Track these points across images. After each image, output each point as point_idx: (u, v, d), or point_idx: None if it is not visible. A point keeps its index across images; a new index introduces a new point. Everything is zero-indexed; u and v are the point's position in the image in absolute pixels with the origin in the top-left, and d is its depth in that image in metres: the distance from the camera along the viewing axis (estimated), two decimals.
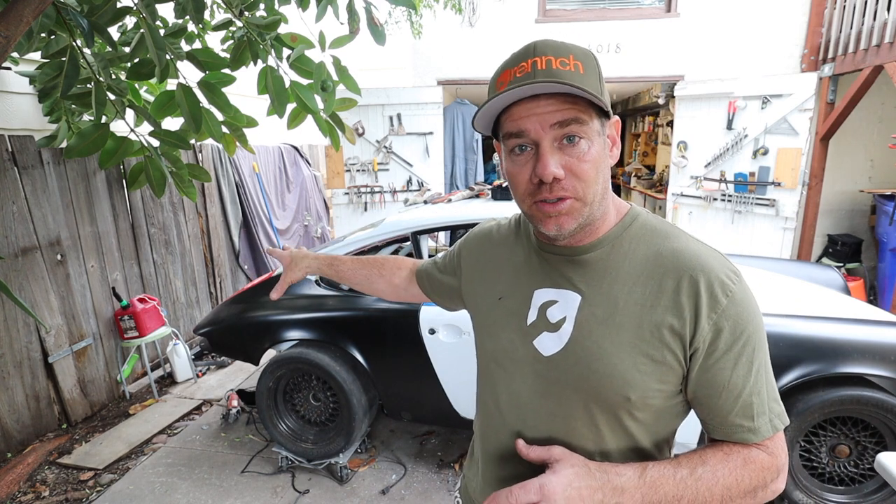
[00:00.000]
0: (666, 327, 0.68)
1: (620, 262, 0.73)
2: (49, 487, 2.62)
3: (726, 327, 0.67)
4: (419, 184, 5.34)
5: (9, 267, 2.78)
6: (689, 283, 0.68)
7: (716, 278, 0.67)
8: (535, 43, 0.68)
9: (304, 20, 2.31)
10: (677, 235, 0.74)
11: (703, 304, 0.67)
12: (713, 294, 0.67)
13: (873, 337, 2.03)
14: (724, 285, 0.67)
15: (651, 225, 0.75)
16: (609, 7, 5.25)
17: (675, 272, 0.69)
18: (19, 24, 1.33)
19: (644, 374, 0.69)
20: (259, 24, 2.15)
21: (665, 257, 0.71)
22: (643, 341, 0.69)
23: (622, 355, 0.69)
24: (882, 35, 3.89)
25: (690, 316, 0.67)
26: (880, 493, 2.09)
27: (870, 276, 4.81)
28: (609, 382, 0.70)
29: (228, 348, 2.88)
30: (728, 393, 0.68)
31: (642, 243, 0.73)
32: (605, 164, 0.71)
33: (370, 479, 2.60)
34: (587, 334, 0.72)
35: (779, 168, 4.42)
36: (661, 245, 0.72)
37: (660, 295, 0.69)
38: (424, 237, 2.61)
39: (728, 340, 0.67)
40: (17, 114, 3.11)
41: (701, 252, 0.71)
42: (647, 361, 0.69)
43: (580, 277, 0.75)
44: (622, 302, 0.71)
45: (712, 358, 0.67)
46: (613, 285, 0.72)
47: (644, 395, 0.70)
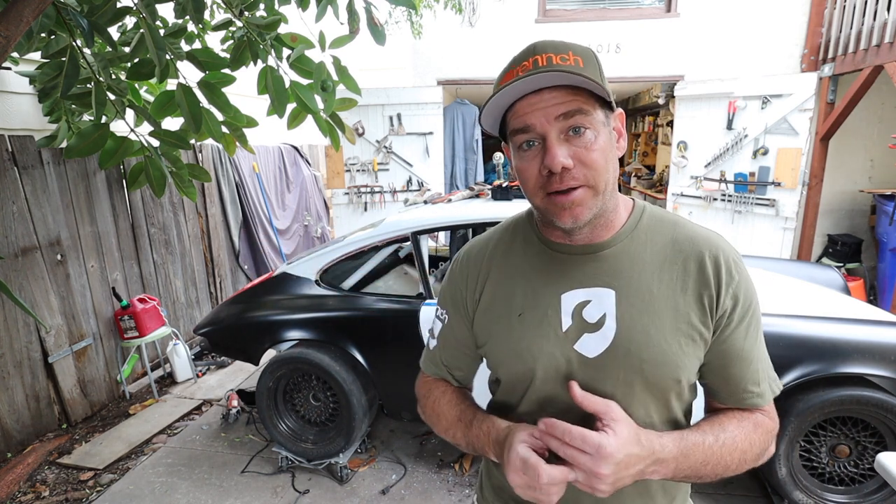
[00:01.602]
0: (697, 306, 0.73)
1: (642, 252, 0.75)
2: (49, 487, 2.62)
3: (740, 299, 0.73)
4: (419, 184, 5.34)
5: (9, 267, 2.78)
6: (712, 261, 0.73)
7: (729, 256, 0.74)
8: (535, 43, 0.69)
9: (304, 20, 2.31)
10: (684, 223, 0.79)
11: (724, 278, 0.72)
12: (730, 270, 0.73)
13: (873, 337, 2.03)
14: (736, 262, 0.74)
15: (659, 215, 0.79)
16: (609, 7, 5.25)
17: (696, 254, 0.74)
18: (19, 24, 1.33)
19: (688, 356, 0.72)
20: (259, 24, 2.15)
21: (682, 242, 0.75)
22: (683, 323, 0.72)
23: (669, 340, 0.72)
24: (882, 35, 3.89)
25: (715, 290, 0.72)
26: (880, 493, 2.09)
27: (870, 276, 4.81)
28: (663, 369, 0.72)
29: (228, 348, 2.88)
30: (742, 361, 0.74)
31: (657, 233, 0.77)
32: (612, 154, 0.71)
33: (370, 479, 2.60)
34: (632, 326, 0.72)
35: (779, 168, 4.42)
36: (675, 232, 0.77)
37: (686, 277, 0.73)
38: (424, 237, 2.61)
39: (741, 311, 0.73)
40: (17, 114, 3.11)
41: (710, 235, 0.77)
42: (688, 342, 0.72)
43: (608, 273, 0.75)
44: (655, 289, 0.73)
45: (729, 328, 0.73)
46: (643, 275, 0.74)
47: (690, 375, 0.74)
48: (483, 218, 2.60)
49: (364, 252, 2.73)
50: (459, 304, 0.87)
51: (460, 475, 2.62)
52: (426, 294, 2.50)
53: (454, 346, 0.89)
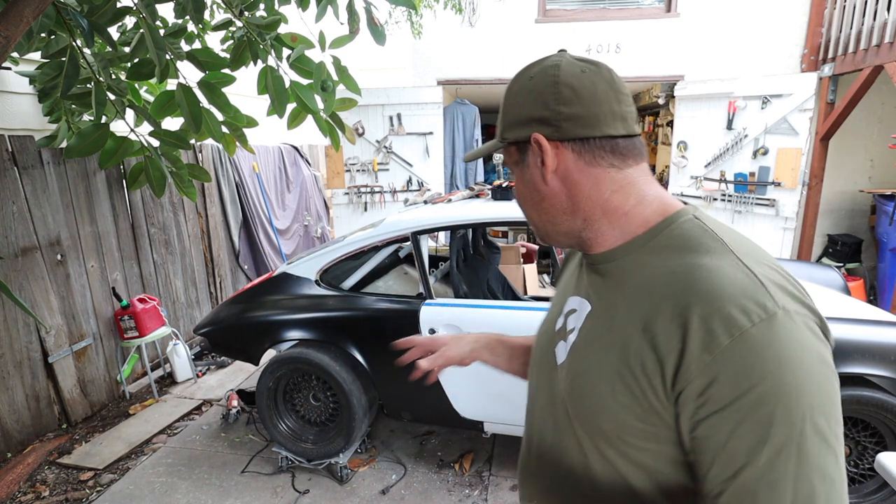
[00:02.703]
0: (652, 358, 0.57)
1: (632, 275, 0.65)
2: (49, 487, 2.62)
3: (723, 375, 0.51)
4: (419, 184, 5.34)
5: (9, 267, 2.78)
6: (681, 311, 0.55)
7: (720, 310, 0.53)
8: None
9: (304, 20, 2.31)
10: (708, 250, 0.60)
11: (693, 339, 0.53)
12: (710, 329, 0.53)
13: (873, 337, 2.03)
14: (731, 320, 0.52)
15: (684, 235, 0.63)
16: (609, 7, 5.25)
17: (674, 295, 0.57)
18: (19, 24, 1.33)
19: (621, 406, 0.60)
20: (259, 24, 2.15)
21: (676, 275, 0.59)
22: (626, 367, 0.60)
23: (603, 378, 0.62)
24: (882, 35, 3.89)
25: (676, 351, 0.55)
26: (880, 493, 2.09)
27: (870, 276, 4.81)
28: (585, 406, 0.65)
29: (228, 348, 2.88)
30: (720, 465, 0.52)
31: (661, 256, 0.63)
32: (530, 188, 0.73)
33: (370, 479, 2.60)
34: (581, 348, 0.68)
35: (779, 168, 4.42)
36: (680, 260, 0.60)
37: (655, 319, 0.58)
38: (424, 237, 2.61)
39: (726, 393, 0.51)
40: (17, 114, 3.11)
41: (726, 274, 0.55)
42: (626, 392, 0.60)
43: (596, 287, 0.71)
44: (618, 319, 0.63)
45: (704, 410, 0.53)
46: (617, 300, 0.65)
47: (620, 430, 0.61)
48: (483, 218, 2.60)
49: (364, 252, 2.73)
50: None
51: (460, 475, 2.62)
52: (426, 294, 2.50)
53: None
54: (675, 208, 0.67)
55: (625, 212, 0.68)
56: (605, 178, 0.68)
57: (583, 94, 0.65)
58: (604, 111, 0.66)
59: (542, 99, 0.67)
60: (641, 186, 0.68)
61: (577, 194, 0.69)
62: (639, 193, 0.68)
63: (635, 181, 0.68)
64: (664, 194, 0.69)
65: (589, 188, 0.68)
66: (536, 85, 0.68)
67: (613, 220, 0.68)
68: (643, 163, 0.70)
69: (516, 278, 4.76)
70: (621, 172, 0.68)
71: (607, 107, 0.66)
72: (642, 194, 0.68)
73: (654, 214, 0.67)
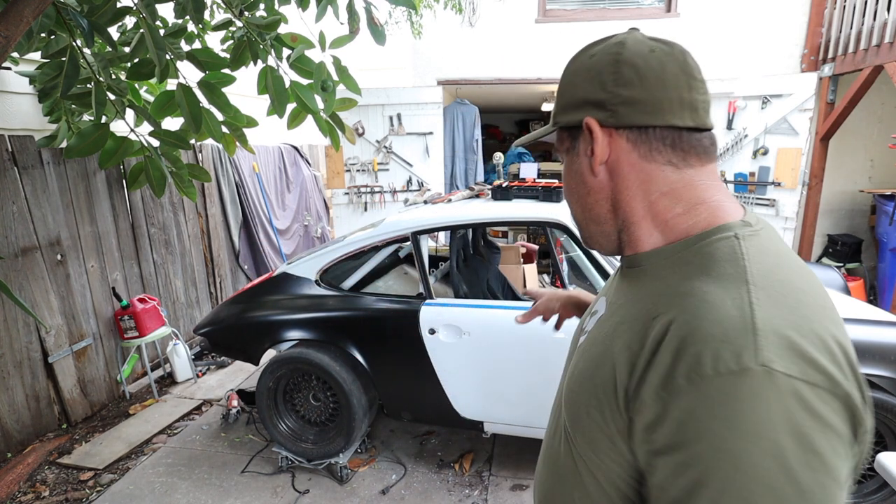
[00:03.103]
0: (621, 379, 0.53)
1: (642, 285, 0.60)
2: (49, 487, 2.62)
3: (670, 418, 0.46)
4: (419, 184, 5.34)
5: (9, 267, 2.78)
6: (656, 337, 0.50)
7: (690, 347, 0.46)
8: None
9: (304, 20, 2.31)
10: (720, 275, 0.51)
11: (656, 370, 0.48)
12: (674, 366, 0.47)
13: (873, 337, 2.03)
14: (697, 363, 0.45)
15: (711, 254, 0.54)
16: (609, 7, 5.25)
17: (658, 319, 0.52)
18: (19, 24, 1.33)
19: (592, 421, 0.57)
20: (259, 24, 2.15)
21: (672, 298, 0.53)
22: (602, 384, 0.56)
23: (584, 388, 0.60)
24: (882, 35, 3.89)
25: (638, 376, 0.51)
26: (880, 493, 2.09)
27: (870, 276, 4.81)
28: (569, 415, 0.63)
29: (228, 348, 2.88)
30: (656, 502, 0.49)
31: (679, 273, 0.55)
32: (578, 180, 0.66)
33: (370, 479, 2.60)
34: (582, 350, 0.66)
35: (779, 168, 4.42)
36: (689, 282, 0.53)
37: (633, 340, 0.54)
38: (424, 237, 2.61)
39: (667, 438, 0.46)
40: (17, 114, 3.11)
41: (719, 310, 0.48)
42: (597, 408, 0.56)
43: (619, 291, 0.67)
44: (607, 329, 0.61)
45: (648, 445, 0.49)
46: (620, 309, 0.61)
47: (592, 447, 0.57)
48: (483, 218, 2.60)
49: (364, 252, 2.73)
50: None
51: (460, 475, 2.62)
52: (426, 294, 2.50)
53: None
54: (722, 221, 0.57)
55: (666, 219, 0.60)
56: (658, 176, 0.59)
57: (647, 76, 0.57)
58: (670, 97, 0.57)
59: (599, 79, 0.60)
60: (699, 191, 0.59)
61: (621, 191, 0.62)
62: (691, 200, 0.59)
63: (693, 185, 0.59)
64: (725, 203, 0.59)
65: (636, 186, 0.61)
66: (596, 63, 0.61)
67: (654, 226, 0.61)
68: (710, 164, 0.61)
69: (516, 278, 4.76)
70: (678, 173, 0.59)
71: (675, 92, 0.57)
72: (696, 201, 0.59)
73: (697, 226, 0.58)
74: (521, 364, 2.31)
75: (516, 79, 5.37)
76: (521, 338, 2.30)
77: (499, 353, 2.34)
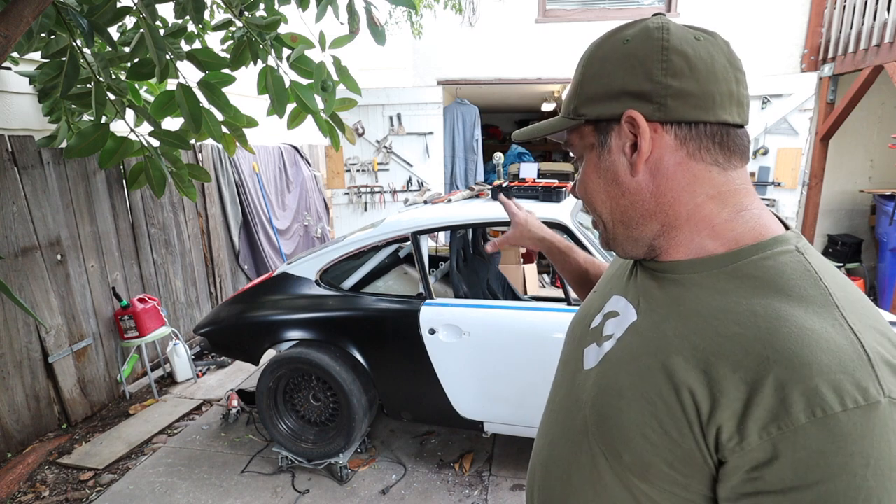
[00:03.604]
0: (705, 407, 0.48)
1: (697, 297, 0.54)
2: (49, 487, 2.62)
3: (789, 458, 0.42)
4: (419, 184, 5.34)
5: (9, 267, 2.78)
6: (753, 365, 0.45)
7: (806, 380, 0.42)
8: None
9: (304, 20, 2.31)
10: (804, 298, 0.48)
11: (761, 404, 0.44)
12: (786, 400, 0.43)
13: None
14: (818, 397, 0.42)
15: (778, 269, 0.51)
16: (609, 7, 5.26)
17: (747, 341, 0.47)
18: (19, 24, 1.33)
19: (649, 443, 0.52)
20: (259, 24, 2.15)
21: (756, 317, 0.48)
22: (665, 404, 0.50)
23: (633, 405, 0.54)
24: (882, 35, 3.89)
25: (734, 409, 0.45)
26: None
27: (870, 276, 4.82)
28: (608, 427, 0.56)
29: (228, 348, 2.88)
30: None
31: (743, 288, 0.51)
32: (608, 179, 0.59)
33: (370, 479, 2.60)
34: (615, 362, 0.59)
35: (779, 168, 4.43)
36: (765, 301, 0.49)
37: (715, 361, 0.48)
38: (424, 237, 2.61)
39: (786, 478, 0.42)
40: (17, 114, 3.11)
41: (824, 336, 0.44)
42: (658, 430, 0.51)
43: (648, 295, 0.60)
44: (666, 343, 0.53)
45: (752, 486, 0.45)
46: (670, 319, 0.55)
47: (643, 468, 0.53)
48: (483, 218, 2.60)
49: (364, 252, 2.73)
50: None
51: (460, 475, 2.62)
52: (426, 294, 2.50)
53: None
54: (775, 233, 0.54)
55: (713, 224, 0.55)
56: (705, 177, 0.55)
57: (699, 67, 0.52)
58: (721, 90, 0.53)
59: (644, 68, 0.53)
60: (741, 196, 0.55)
61: (664, 192, 0.56)
62: (736, 205, 0.55)
63: (737, 189, 0.55)
64: (766, 213, 0.56)
65: (681, 187, 0.55)
66: (636, 50, 0.54)
67: (696, 231, 0.56)
68: (746, 165, 0.57)
69: (516, 278, 4.76)
70: (724, 174, 0.55)
71: (725, 86, 0.53)
72: (740, 206, 0.55)
73: (747, 235, 0.54)
74: (521, 364, 2.31)
75: (516, 79, 5.37)
76: (522, 338, 2.30)
77: (499, 353, 2.35)
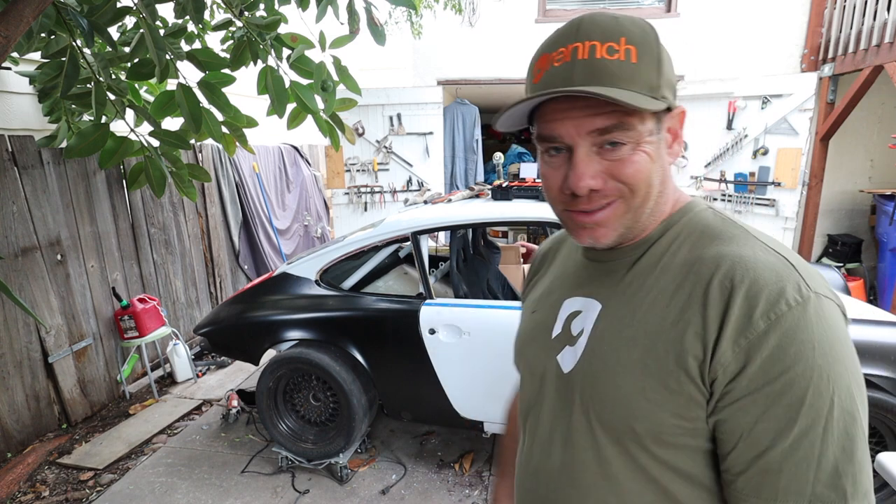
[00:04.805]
0: (688, 348, 0.54)
1: (652, 266, 0.61)
2: (49, 487, 2.62)
3: (758, 359, 0.50)
4: (419, 184, 5.34)
5: (9, 267, 2.78)
6: (720, 292, 0.53)
7: (762, 291, 0.51)
8: (582, 19, 0.57)
9: (304, 20, 2.31)
10: (736, 238, 0.58)
11: (731, 321, 0.51)
12: (750, 311, 0.51)
13: (873, 337, 2.03)
14: (773, 302, 0.50)
15: (704, 223, 0.61)
16: (609, 7, 5.25)
17: (709, 282, 0.55)
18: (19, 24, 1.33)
19: (653, 404, 0.56)
20: (259, 24, 2.15)
21: (704, 263, 0.56)
22: (656, 362, 0.56)
23: (627, 377, 0.58)
24: (882, 35, 3.89)
25: (713, 335, 0.53)
26: (880, 493, 2.09)
27: (870, 276, 4.81)
28: (611, 408, 0.59)
29: (228, 348, 2.88)
30: (745, 446, 0.51)
31: (685, 246, 0.60)
32: (658, 165, 0.59)
33: (370, 479, 2.60)
34: (597, 349, 0.62)
35: (779, 168, 4.42)
36: (707, 249, 0.58)
37: (686, 309, 0.55)
38: (424, 237, 2.61)
39: (757, 377, 0.50)
40: (17, 114, 3.11)
41: (759, 259, 0.54)
42: (659, 388, 0.56)
43: (608, 284, 0.65)
44: (640, 313, 0.59)
45: (732, 395, 0.52)
46: (637, 293, 0.61)
47: (656, 430, 0.56)
48: (483, 218, 2.60)
49: (364, 252, 2.73)
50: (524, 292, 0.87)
51: (460, 475, 2.62)
52: (426, 294, 2.50)
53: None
54: (688, 198, 0.66)
55: (666, 199, 0.63)
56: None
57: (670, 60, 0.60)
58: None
59: (671, 64, 0.59)
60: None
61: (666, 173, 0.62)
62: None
63: None
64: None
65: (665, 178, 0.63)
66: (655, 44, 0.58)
67: (660, 207, 0.63)
68: None
69: (516, 278, 4.75)
70: None
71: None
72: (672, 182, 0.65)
73: (676, 202, 0.65)
74: None
75: (516, 79, 5.37)
76: None
77: (499, 353, 2.34)
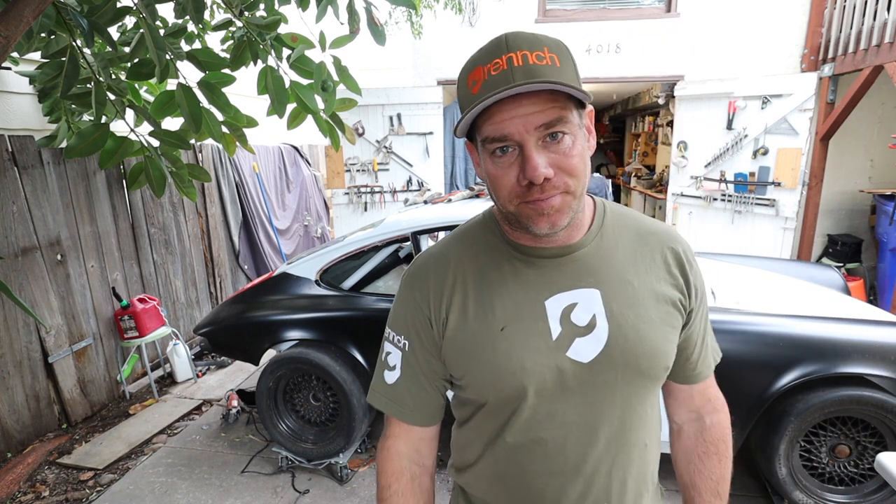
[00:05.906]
0: (672, 296, 0.76)
1: (614, 248, 0.76)
2: (49, 487, 2.62)
3: (698, 286, 0.79)
4: (419, 184, 5.34)
5: (9, 267, 2.78)
6: (673, 255, 0.78)
7: (685, 247, 0.80)
8: (507, 36, 0.63)
9: (304, 20, 2.31)
10: (641, 217, 0.83)
11: (686, 269, 0.78)
12: (689, 260, 0.79)
13: (873, 337, 2.03)
14: (691, 251, 0.80)
15: (618, 210, 0.82)
16: (609, 7, 5.25)
17: (659, 247, 0.78)
18: (19, 24, 1.33)
19: (670, 343, 0.75)
20: (259, 24, 2.15)
21: (646, 236, 0.79)
22: (663, 312, 0.75)
23: (655, 331, 0.73)
24: (882, 35, 3.89)
25: (683, 282, 0.77)
26: (880, 493, 2.09)
27: (870, 276, 4.81)
28: (656, 360, 0.74)
29: (228, 348, 2.88)
30: (702, 342, 0.83)
31: (623, 227, 0.79)
32: (587, 155, 0.68)
33: (370, 479, 2.60)
34: (624, 323, 0.72)
35: (779, 168, 4.42)
36: (637, 226, 0.80)
37: (655, 268, 0.76)
38: (424, 237, 2.61)
39: (699, 297, 0.80)
40: (17, 114, 3.11)
41: (668, 229, 0.82)
42: (669, 329, 0.75)
43: (588, 272, 0.74)
44: (636, 283, 0.74)
45: (693, 315, 0.79)
46: (621, 271, 0.75)
47: (670, 361, 0.77)
48: None
49: (364, 252, 2.73)
50: (421, 328, 0.78)
51: None
52: None
53: (420, 379, 0.81)
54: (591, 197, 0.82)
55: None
56: None
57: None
58: None
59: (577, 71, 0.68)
60: None
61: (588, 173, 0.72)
62: None
63: None
64: None
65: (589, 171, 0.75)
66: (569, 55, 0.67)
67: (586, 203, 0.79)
68: None
69: None
70: None
71: None
72: None
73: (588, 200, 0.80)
74: None
75: None
76: None
77: None
